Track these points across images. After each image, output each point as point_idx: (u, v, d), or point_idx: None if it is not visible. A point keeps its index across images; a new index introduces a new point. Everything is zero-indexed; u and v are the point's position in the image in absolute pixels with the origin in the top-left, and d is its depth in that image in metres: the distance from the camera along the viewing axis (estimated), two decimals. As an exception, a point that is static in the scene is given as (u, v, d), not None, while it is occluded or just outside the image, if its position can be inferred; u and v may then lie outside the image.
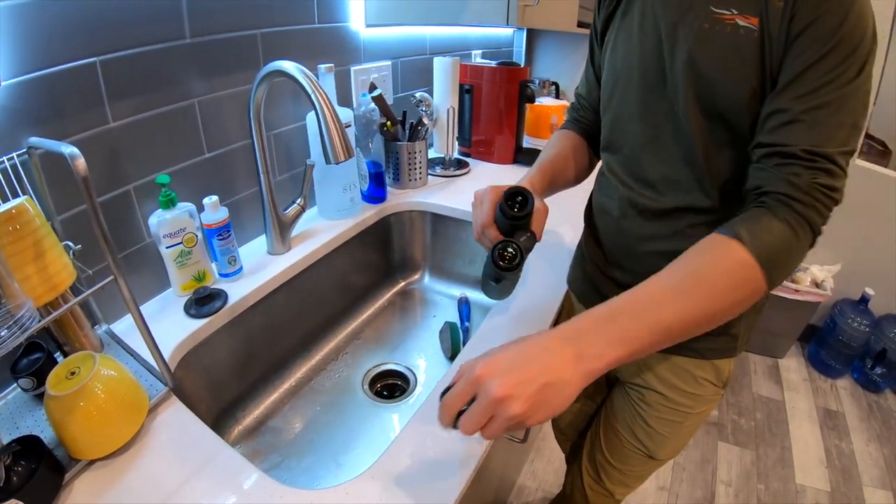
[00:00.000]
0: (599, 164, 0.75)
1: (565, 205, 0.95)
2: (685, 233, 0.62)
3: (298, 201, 0.91)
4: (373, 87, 1.06)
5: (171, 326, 0.73)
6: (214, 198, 0.77)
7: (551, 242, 0.98)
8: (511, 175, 1.34)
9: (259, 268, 0.86)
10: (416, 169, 1.18)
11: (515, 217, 0.58)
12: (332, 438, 0.82)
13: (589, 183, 0.81)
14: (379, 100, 1.05)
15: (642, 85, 0.60)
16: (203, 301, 0.76)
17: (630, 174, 0.65)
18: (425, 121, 1.18)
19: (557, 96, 2.00)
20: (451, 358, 0.95)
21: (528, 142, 1.57)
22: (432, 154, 1.42)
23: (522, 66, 1.37)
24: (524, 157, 1.42)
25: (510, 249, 0.57)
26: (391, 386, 0.94)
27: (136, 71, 0.69)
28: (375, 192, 1.10)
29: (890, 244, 1.86)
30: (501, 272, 0.57)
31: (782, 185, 0.47)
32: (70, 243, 0.61)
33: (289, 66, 0.68)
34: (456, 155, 1.43)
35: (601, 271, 0.74)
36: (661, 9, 0.56)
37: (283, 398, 0.90)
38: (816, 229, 0.47)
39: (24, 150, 0.56)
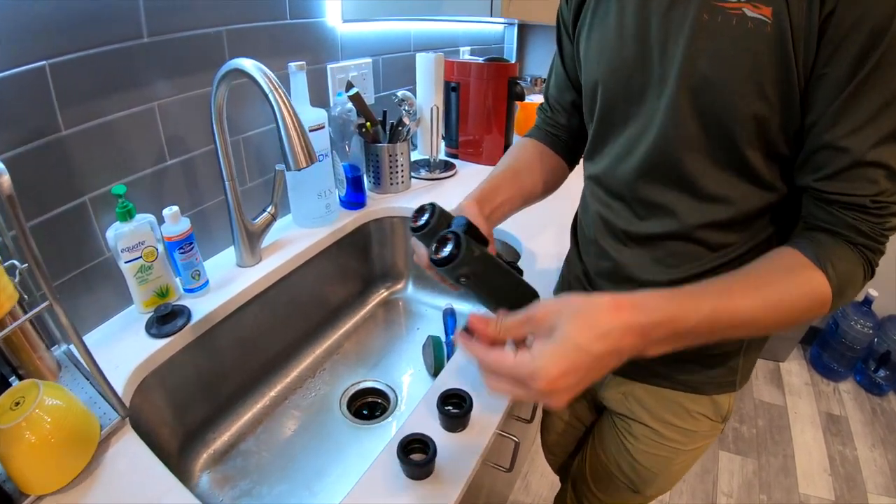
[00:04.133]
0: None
1: (556, 213, 0.90)
2: (665, 262, 0.55)
3: (269, 209, 0.85)
4: (349, 86, 1.01)
5: (132, 346, 0.68)
6: (174, 208, 0.72)
7: (539, 253, 0.93)
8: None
9: (227, 281, 0.81)
10: (397, 172, 1.13)
11: (419, 231, 0.50)
12: (307, 463, 0.77)
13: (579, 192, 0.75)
14: (356, 99, 1.00)
15: (624, 86, 0.52)
16: (165, 319, 0.71)
17: (605, 189, 0.59)
18: (406, 120, 1.12)
19: (550, 94, 1.95)
20: (435, 374, 0.90)
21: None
22: (416, 156, 1.36)
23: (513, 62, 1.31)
24: (514, 158, 1.37)
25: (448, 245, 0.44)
26: (371, 405, 0.89)
27: (90, 74, 0.64)
28: (354, 198, 1.05)
29: (893, 244, 1.80)
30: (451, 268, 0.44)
31: (851, 232, 0.44)
32: (16, 262, 0.56)
33: (247, 63, 0.62)
34: (442, 156, 1.38)
35: (584, 290, 0.68)
36: None
37: (255, 419, 0.85)
38: (876, 267, 0.46)
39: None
